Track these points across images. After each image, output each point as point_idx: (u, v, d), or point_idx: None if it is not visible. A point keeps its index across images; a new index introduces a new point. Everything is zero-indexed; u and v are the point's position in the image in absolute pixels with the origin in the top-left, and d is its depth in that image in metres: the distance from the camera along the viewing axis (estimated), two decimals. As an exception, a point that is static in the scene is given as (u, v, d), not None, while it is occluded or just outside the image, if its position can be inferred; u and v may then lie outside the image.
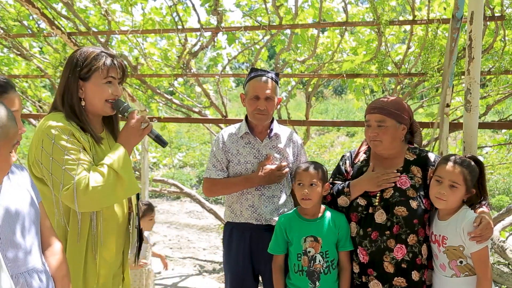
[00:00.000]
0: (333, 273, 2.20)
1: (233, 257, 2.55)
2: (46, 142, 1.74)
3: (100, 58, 1.86)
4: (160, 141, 1.94)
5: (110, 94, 1.88)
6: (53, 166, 1.72)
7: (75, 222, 1.83)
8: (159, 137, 1.94)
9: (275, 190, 2.53)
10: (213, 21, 4.11)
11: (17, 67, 5.52)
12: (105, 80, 1.87)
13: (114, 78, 1.89)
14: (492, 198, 8.25)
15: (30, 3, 3.71)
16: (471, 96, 2.33)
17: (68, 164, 1.71)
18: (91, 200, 1.71)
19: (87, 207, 1.74)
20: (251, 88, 2.47)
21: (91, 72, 1.85)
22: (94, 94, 1.87)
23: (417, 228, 2.09)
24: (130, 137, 1.88)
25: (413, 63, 3.89)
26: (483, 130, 10.79)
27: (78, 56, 1.87)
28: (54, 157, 1.73)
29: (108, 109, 1.91)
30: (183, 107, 4.96)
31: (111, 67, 1.87)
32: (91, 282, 1.86)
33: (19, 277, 1.45)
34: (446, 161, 2.03)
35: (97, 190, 1.71)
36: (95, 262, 1.86)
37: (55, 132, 1.74)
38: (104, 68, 1.85)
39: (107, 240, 1.90)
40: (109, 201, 1.79)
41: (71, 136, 1.77)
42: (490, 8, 3.21)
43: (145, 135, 1.91)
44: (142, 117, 1.89)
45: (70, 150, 1.74)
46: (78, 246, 1.83)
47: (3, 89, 1.56)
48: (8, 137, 1.35)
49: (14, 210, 1.47)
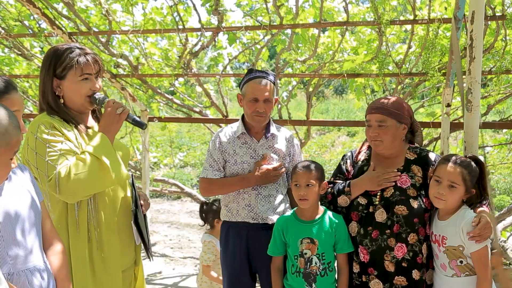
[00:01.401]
0: (330, 275, 2.20)
1: (230, 256, 2.56)
2: (30, 139, 1.79)
3: (73, 56, 1.87)
4: (138, 123, 1.94)
5: (88, 90, 1.91)
6: (37, 160, 1.76)
7: (72, 213, 1.84)
8: (136, 120, 1.94)
9: (271, 190, 2.54)
10: (214, 21, 4.11)
11: (18, 67, 5.53)
12: (81, 77, 1.89)
13: (89, 74, 1.91)
14: (493, 198, 8.25)
15: (31, 3, 3.71)
16: (472, 96, 2.33)
17: (51, 156, 1.75)
18: (75, 188, 1.71)
19: (72, 195, 1.75)
20: (249, 89, 2.47)
21: (66, 70, 1.87)
22: (72, 92, 1.90)
23: (417, 227, 2.09)
24: (109, 124, 1.88)
25: (414, 63, 3.88)
26: (484, 130, 10.75)
27: (52, 55, 1.89)
28: (38, 151, 1.76)
29: (88, 104, 1.94)
30: (184, 107, 4.96)
31: (85, 64, 1.89)
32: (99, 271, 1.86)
33: (20, 274, 1.46)
34: (446, 161, 2.03)
35: (79, 177, 1.71)
36: (101, 251, 1.87)
37: (37, 127, 1.79)
38: (78, 67, 1.87)
39: (108, 231, 1.90)
40: (94, 188, 1.79)
41: (52, 128, 1.80)
42: (491, 8, 3.21)
43: (123, 120, 1.91)
44: (117, 103, 1.90)
45: (51, 142, 1.77)
46: (79, 237, 1.84)
47: (4, 90, 1.56)
48: (10, 144, 1.36)
49: (15, 209, 1.48)
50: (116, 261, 1.92)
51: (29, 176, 1.64)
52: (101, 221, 1.88)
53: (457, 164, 1.99)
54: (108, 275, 1.88)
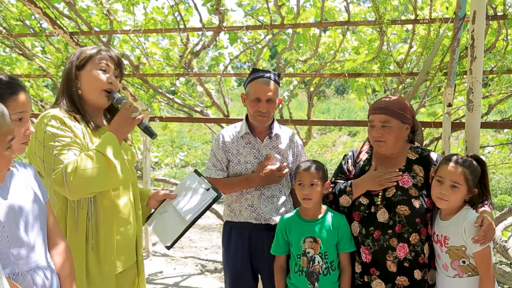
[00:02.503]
0: (333, 274, 2.21)
1: (232, 256, 2.56)
2: (39, 132, 1.79)
3: (96, 50, 1.94)
4: (149, 132, 1.92)
5: (105, 83, 1.92)
6: (44, 154, 1.76)
7: (72, 212, 1.84)
8: (148, 128, 1.93)
9: (274, 190, 2.53)
10: (215, 20, 4.12)
11: (19, 67, 5.54)
12: (99, 67, 1.91)
13: (108, 66, 1.93)
14: (494, 197, 8.23)
15: (32, 2, 3.71)
16: (473, 96, 2.33)
17: (58, 150, 1.75)
18: (80, 183, 1.71)
19: (77, 191, 1.73)
20: (252, 89, 2.46)
21: (85, 60, 1.92)
22: (89, 81, 1.92)
23: (419, 227, 2.09)
24: (121, 125, 1.87)
25: (415, 63, 3.88)
26: (485, 130, 10.77)
27: (77, 51, 1.97)
28: (46, 144, 1.76)
29: (103, 99, 1.94)
30: (185, 107, 4.96)
31: (104, 55, 1.93)
32: (93, 273, 1.86)
33: (25, 274, 1.46)
34: (447, 161, 2.03)
35: (86, 173, 1.71)
36: (96, 253, 1.87)
37: (46, 121, 1.80)
38: (97, 56, 1.91)
39: (107, 232, 1.89)
40: (99, 185, 1.78)
41: (62, 123, 1.80)
42: (493, 7, 3.21)
43: (136, 124, 1.90)
44: (134, 107, 1.89)
45: (60, 136, 1.77)
46: (77, 237, 1.84)
47: (12, 90, 1.53)
48: (1, 133, 1.34)
49: (18, 207, 1.48)
50: (111, 264, 1.91)
51: (32, 173, 1.64)
52: (100, 222, 1.88)
53: (459, 164, 1.99)
54: (102, 277, 1.88)
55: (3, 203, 1.44)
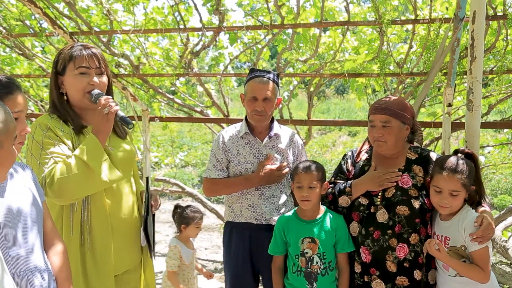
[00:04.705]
0: (331, 275, 2.21)
1: (233, 257, 2.56)
2: (29, 140, 1.81)
3: (73, 51, 1.89)
4: (125, 122, 1.86)
5: (86, 85, 1.90)
6: (32, 162, 1.79)
7: (67, 215, 1.86)
8: (124, 118, 1.87)
9: (275, 190, 2.53)
10: (215, 20, 4.12)
11: (19, 67, 5.54)
12: (77, 71, 1.89)
13: (87, 68, 1.89)
14: (494, 197, 8.23)
15: (32, 2, 3.71)
16: (473, 96, 2.33)
17: (43, 158, 1.77)
18: (59, 190, 1.72)
19: (60, 197, 1.75)
20: (249, 88, 2.47)
21: (65, 64, 1.90)
22: (71, 86, 1.91)
23: (419, 227, 2.09)
24: (98, 124, 1.83)
25: (415, 63, 3.88)
26: (485, 130, 10.77)
27: (58, 54, 1.95)
28: (33, 152, 1.80)
29: (87, 100, 1.91)
30: (185, 107, 4.96)
31: (79, 57, 1.88)
32: (91, 274, 1.86)
33: (21, 275, 1.46)
34: (441, 169, 1.99)
35: (63, 181, 1.71)
36: (93, 254, 1.87)
37: (35, 129, 1.82)
38: (74, 60, 1.88)
39: (103, 234, 1.89)
40: (82, 191, 1.77)
41: (48, 130, 1.82)
42: (493, 8, 3.21)
43: (112, 119, 1.84)
44: (106, 102, 1.83)
45: (45, 144, 1.79)
46: (72, 238, 1.85)
47: (8, 90, 1.53)
48: (9, 131, 1.36)
49: (16, 208, 1.48)
50: (109, 265, 1.90)
51: (30, 174, 1.64)
52: (94, 225, 1.88)
53: (454, 172, 1.96)
54: (100, 278, 1.87)
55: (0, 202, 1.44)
